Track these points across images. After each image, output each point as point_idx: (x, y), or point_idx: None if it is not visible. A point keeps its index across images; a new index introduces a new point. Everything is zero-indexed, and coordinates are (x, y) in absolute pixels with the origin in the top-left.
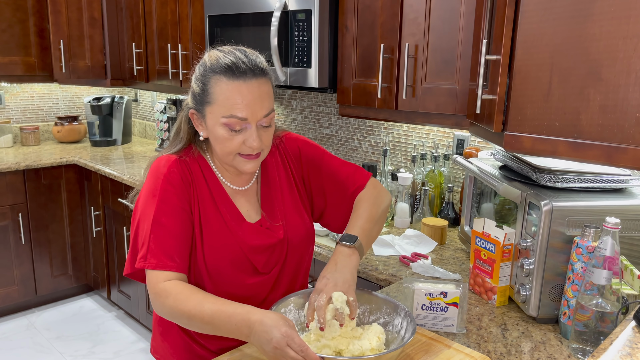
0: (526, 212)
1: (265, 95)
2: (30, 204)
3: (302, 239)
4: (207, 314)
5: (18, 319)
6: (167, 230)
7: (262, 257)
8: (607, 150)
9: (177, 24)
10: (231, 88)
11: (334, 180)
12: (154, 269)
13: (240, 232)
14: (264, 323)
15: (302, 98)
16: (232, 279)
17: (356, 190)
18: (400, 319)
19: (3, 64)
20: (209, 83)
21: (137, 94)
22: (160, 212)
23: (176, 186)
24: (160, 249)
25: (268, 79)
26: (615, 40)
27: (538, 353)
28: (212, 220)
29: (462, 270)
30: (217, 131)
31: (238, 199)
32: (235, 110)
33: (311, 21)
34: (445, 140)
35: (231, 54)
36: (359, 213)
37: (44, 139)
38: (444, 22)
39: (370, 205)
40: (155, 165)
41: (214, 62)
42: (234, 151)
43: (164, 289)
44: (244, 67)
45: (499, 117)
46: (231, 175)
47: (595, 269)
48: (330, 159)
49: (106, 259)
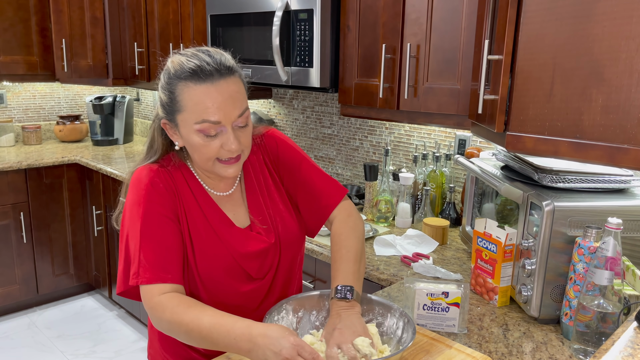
0: (528, 213)
1: (236, 94)
2: (32, 203)
3: (295, 238)
4: (206, 327)
5: (19, 317)
6: (156, 241)
7: (255, 263)
8: (609, 151)
9: (179, 24)
10: (199, 92)
11: (309, 188)
12: (148, 284)
13: (231, 239)
14: (268, 336)
15: (304, 98)
16: (226, 287)
17: (329, 205)
18: (395, 319)
19: (5, 63)
20: (176, 90)
21: (139, 93)
22: (147, 224)
23: (161, 195)
24: (152, 262)
25: (237, 77)
26: (617, 41)
27: (539, 353)
28: (201, 229)
29: (463, 270)
30: (192, 139)
31: (224, 204)
32: (207, 115)
33: (313, 21)
34: (447, 141)
35: (194, 57)
36: (343, 254)
37: (45, 138)
38: (445, 22)
39: (352, 241)
40: (136, 176)
41: (177, 68)
42: (212, 157)
43: (159, 303)
44: (209, 68)
45: (500, 117)
46: (213, 182)
47: (597, 269)
48: (309, 166)
49: (107, 258)
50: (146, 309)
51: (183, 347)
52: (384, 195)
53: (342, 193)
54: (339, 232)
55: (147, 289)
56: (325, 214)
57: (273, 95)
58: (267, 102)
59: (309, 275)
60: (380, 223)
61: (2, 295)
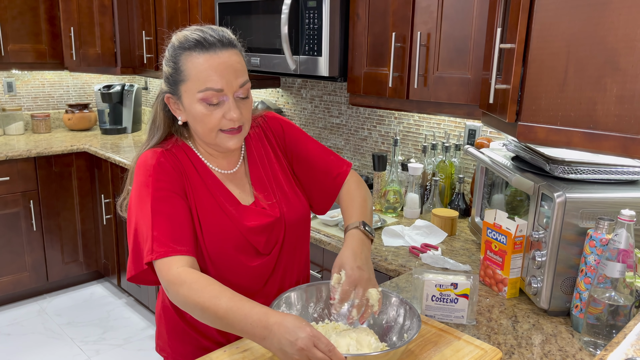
0: (539, 204)
1: (237, 64)
2: (41, 191)
3: (299, 217)
4: (223, 308)
5: (29, 304)
6: (168, 217)
7: (262, 238)
8: (623, 142)
9: (187, 12)
10: (202, 61)
11: (320, 162)
12: (164, 257)
13: (237, 215)
14: (284, 325)
15: (312, 87)
16: (234, 263)
17: (340, 175)
18: (395, 306)
19: (14, 51)
20: (180, 61)
21: (147, 82)
22: (157, 202)
23: (168, 174)
24: (165, 235)
25: (238, 51)
26: (633, 29)
27: (549, 346)
28: (208, 207)
29: (472, 261)
30: (195, 109)
31: (228, 182)
32: (210, 83)
33: (322, 9)
34: (457, 131)
35: (198, 30)
36: (357, 203)
37: (54, 126)
38: (457, 10)
39: (364, 199)
40: (142, 160)
41: (182, 39)
42: (215, 127)
43: (177, 276)
44: (212, 39)
45: (512, 107)
46: (217, 160)
47: (609, 261)
48: (313, 142)
49: (116, 246)
50: (163, 283)
51: (192, 336)
52: (393, 185)
53: (348, 165)
54: (350, 190)
55: (163, 263)
56: (338, 186)
57: (281, 84)
58: (275, 91)
59: (316, 265)
60: (389, 213)
61: (12, 283)
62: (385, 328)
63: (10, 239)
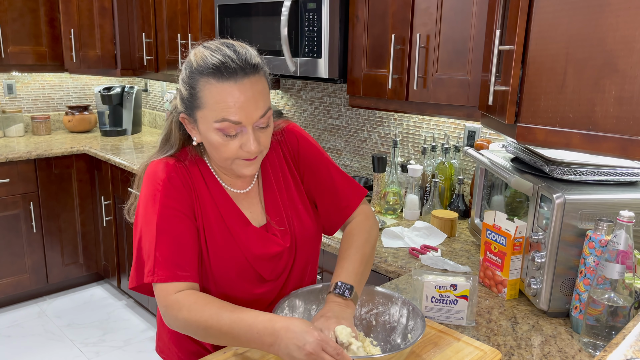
0: (538, 205)
1: (259, 94)
2: (41, 193)
3: (311, 237)
4: (226, 323)
5: (29, 306)
6: (172, 238)
7: (269, 266)
8: (622, 143)
9: (187, 14)
10: (221, 90)
11: (330, 188)
12: (164, 282)
13: (245, 239)
14: (291, 329)
15: (312, 89)
16: (239, 287)
17: (349, 206)
18: (397, 307)
19: (14, 53)
20: (197, 86)
21: (147, 84)
22: (163, 220)
23: (178, 191)
24: (168, 259)
25: (262, 75)
26: (632, 31)
27: (548, 347)
28: (215, 229)
29: (472, 263)
30: (210, 137)
31: (241, 202)
32: (227, 114)
33: (322, 11)
34: (456, 132)
35: (218, 52)
36: (352, 253)
37: (54, 128)
38: (456, 12)
39: (363, 243)
40: (152, 170)
41: (200, 62)
42: (231, 157)
43: (176, 301)
44: (234, 65)
45: (511, 109)
46: (230, 179)
47: (608, 262)
48: (329, 165)
49: (116, 248)
50: (160, 308)
51: (193, 338)
52: (392, 187)
53: (362, 194)
54: (352, 232)
55: (162, 287)
56: (345, 215)
57: (281, 86)
58: (275, 92)
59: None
60: (389, 215)
61: (12, 284)
62: (389, 329)
63: (10, 241)
